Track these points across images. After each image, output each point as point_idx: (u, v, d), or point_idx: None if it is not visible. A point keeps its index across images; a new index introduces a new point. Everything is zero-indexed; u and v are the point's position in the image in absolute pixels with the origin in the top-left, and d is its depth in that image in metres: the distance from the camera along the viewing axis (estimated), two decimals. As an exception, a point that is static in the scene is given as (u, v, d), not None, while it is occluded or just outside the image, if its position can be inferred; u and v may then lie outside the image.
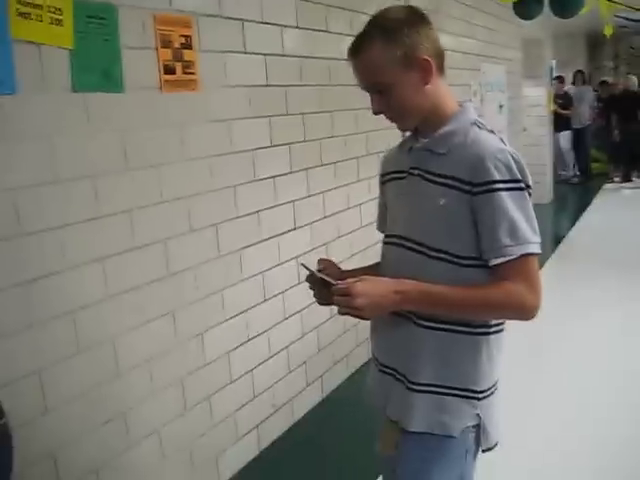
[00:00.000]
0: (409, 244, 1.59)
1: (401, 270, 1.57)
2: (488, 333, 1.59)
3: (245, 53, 3.09)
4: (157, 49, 2.59)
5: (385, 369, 1.69)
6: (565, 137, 11.00)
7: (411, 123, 1.64)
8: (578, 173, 11.33)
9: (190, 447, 2.87)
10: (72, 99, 2.24)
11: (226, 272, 2.98)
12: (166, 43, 2.64)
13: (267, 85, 3.24)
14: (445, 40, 4.96)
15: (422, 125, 1.62)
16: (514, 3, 4.99)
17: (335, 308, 1.53)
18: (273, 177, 3.29)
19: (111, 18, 2.39)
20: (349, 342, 4.04)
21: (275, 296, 3.34)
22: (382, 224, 1.82)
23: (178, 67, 2.70)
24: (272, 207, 3.29)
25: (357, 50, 1.56)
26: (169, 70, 2.65)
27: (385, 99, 1.56)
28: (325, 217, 3.77)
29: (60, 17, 2.20)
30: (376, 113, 1.61)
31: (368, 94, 1.61)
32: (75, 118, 2.26)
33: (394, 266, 1.63)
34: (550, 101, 9.65)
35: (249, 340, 3.16)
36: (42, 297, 2.17)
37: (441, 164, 1.55)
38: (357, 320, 1.59)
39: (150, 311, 2.57)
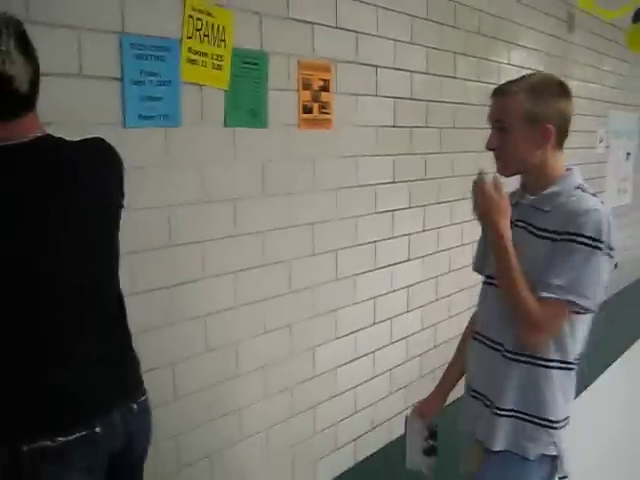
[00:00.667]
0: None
1: (503, 314, 1.80)
2: (561, 368, 1.78)
3: (376, 96, 3.38)
4: (298, 91, 2.92)
5: (476, 395, 1.92)
6: None
7: (510, 170, 1.86)
8: None
9: (293, 449, 3.15)
10: (223, 133, 2.61)
11: (341, 294, 3.27)
12: (306, 86, 2.97)
13: (394, 126, 3.52)
14: (573, 86, 5.09)
15: (530, 183, 1.85)
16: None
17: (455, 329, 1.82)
18: (392, 211, 3.55)
19: (263, 63, 2.75)
20: (450, 372, 4.21)
21: (384, 321, 3.59)
22: (478, 264, 2.06)
23: (315, 107, 3.03)
24: (388, 238, 3.55)
25: (503, 92, 1.82)
26: (307, 110, 2.98)
27: (502, 138, 1.80)
28: (438, 252, 3.99)
29: (221, 63, 2.58)
30: (488, 147, 1.85)
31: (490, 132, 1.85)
32: (224, 149, 2.62)
33: (496, 310, 1.85)
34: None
35: (356, 359, 3.43)
36: (182, 300, 2.52)
37: (545, 220, 1.76)
38: None
39: (271, 323, 2.89)
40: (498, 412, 1.82)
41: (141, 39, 2.28)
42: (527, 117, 1.76)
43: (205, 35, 2.50)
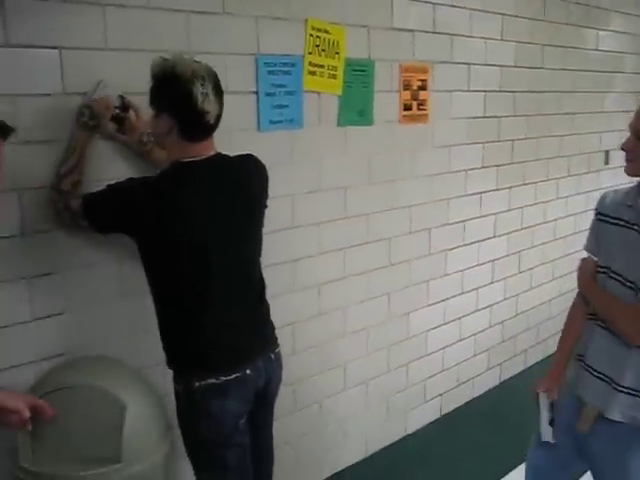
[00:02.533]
0: (624, 281, 2.06)
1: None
2: None
3: (468, 91, 3.77)
4: (400, 91, 3.36)
5: (595, 372, 2.16)
6: None
7: (636, 172, 2.04)
8: None
9: (388, 400, 3.67)
10: (336, 131, 3.09)
11: (433, 267, 3.73)
12: (407, 86, 3.41)
13: (484, 116, 3.90)
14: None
15: None
16: None
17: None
18: (480, 193, 3.96)
19: (370, 70, 3.20)
20: (529, 339, 4.62)
21: (470, 291, 4.03)
22: (591, 246, 2.29)
23: (414, 105, 3.46)
24: (477, 217, 3.96)
25: None
26: (407, 107, 3.42)
27: (637, 145, 2.00)
28: (522, 229, 4.37)
29: (335, 73, 3.04)
30: (624, 148, 2.04)
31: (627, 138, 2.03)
32: (337, 145, 3.10)
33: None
34: None
35: (445, 324, 3.90)
36: (301, 272, 3.05)
37: None
38: (538, 319, 2.29)
39: (373, 291, 3.40)
40: (617, 388, 2.08)
41: (272, 58, 2.77)
42: None
43: (322, 50, 2.97)
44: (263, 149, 2.62)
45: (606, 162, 5.14)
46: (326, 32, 2.97)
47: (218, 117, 2.05)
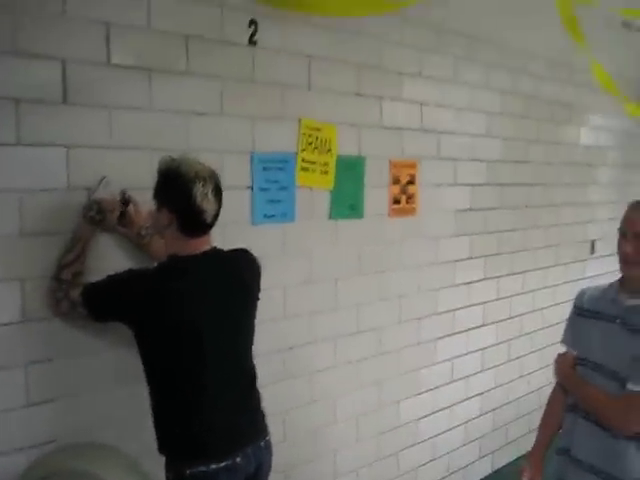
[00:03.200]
0: (606, 371, 2.16)
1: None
2: None
3: (455, 185, 3.94)
4: (389, 186, 3.51)
5: (585, 466, 2.22)
6: None
7: (636, 274, 2.17)
8: None
9: (379, 490, 3.66)
10: (328, 224, 3.22)
11: (423, 356, 3.79)
12: (396, 180, 3.56)
13: (470, 209, 4.05)
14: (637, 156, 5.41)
15: (632, 287, 2.19)
16: None
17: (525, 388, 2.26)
18: (468, 283, 4.07)
19: (360, 166, 3.37)
20: (521, 428, 4.63)
21: (460, 379, 4.08)
22: (567, 339, 2.41)
23: (403, 198, 3.61)
24: (465, 307, 4.06)
25: None
26: (396, 201, 3.57)
27: (637, 249, 2.14)
28: (511, 317, 4.46)
29: (327, 168, 3.20)
30: (625, 252, 2.16)
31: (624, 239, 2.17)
32: (328, 238, 3.23)
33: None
34: None
35: (435, 412, 3.93)
36: (293, 361, 3.12)
37: None
38: (528, 407, 2.35)
39: (363, 379, 3.45)
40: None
41: (267, 155, 2.93)
42: None
43: (315, 147, 3.14)
44: (256, 242, 2.76)
45: (592, 251, 5.27)
46: (318, 130, 3.15)
47: (216, 216, 2.18)
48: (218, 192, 2.18)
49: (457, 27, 3.80)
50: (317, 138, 3.15)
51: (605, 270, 5.40)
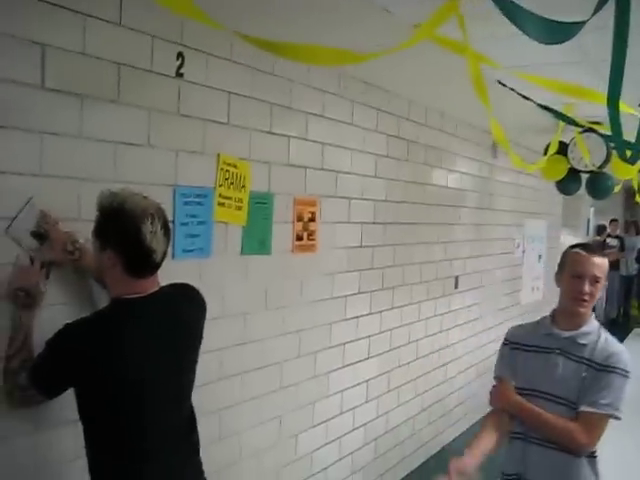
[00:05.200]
0: (553, 398, 2.42)
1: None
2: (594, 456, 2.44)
3: (348, 223, 4.09)
4: (293, 223, 3.58)
5: None
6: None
7: (585, 311, 2.46)
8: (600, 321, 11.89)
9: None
10: (239, 260, 3.22)
11: (319, 389, 3.87)
12: (300, 218, 3.64)
13: (360, 246, 4.22)
14: (497, 201, 5.96)
15: (566, 320, 2.48)
16: (557, 181, 5.96)
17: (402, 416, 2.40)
18: (357, 317, 4.22)
19: (270, 202, 3.41)
20: (397, 454, 4.83)
21: (348, 411, 4.20)
22: (504, 372, 2.63)
23: (305, 235, 3.69)
24: (354, 340, 4.20)
25: (598, 253, 2.50)
26: (299, 237, 3.64)
27: (594, 290, 2.43)
28: (390, 349, 4.66)
29: (241, 204, 3.22)
30: (585, 294, 2.42)
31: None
32: (239, 273, 3.23)
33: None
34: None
35: (327, 444, 4.01)
36: (203, 398, 3.05)
37: (582, 350, 2.41)
38: (406, 435, 2.46)
39: (265, 414, 3.46)
40: None
41: (188, 189, 2.90)
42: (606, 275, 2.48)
43: (231, 183, 3.14)
44: (175, 276, 2.67)
45: (456, 286, 5.65)
46: (235, 167, 3.16)
47: (164, 254, 2.11)
48: (167, 229, 2.11)
49: (354, 73, 3.96)
50: (233, 174, 3.15)
51: (465, 304, 5.84)
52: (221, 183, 3.09)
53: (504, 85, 4.25)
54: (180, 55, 2.83)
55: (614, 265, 11.58)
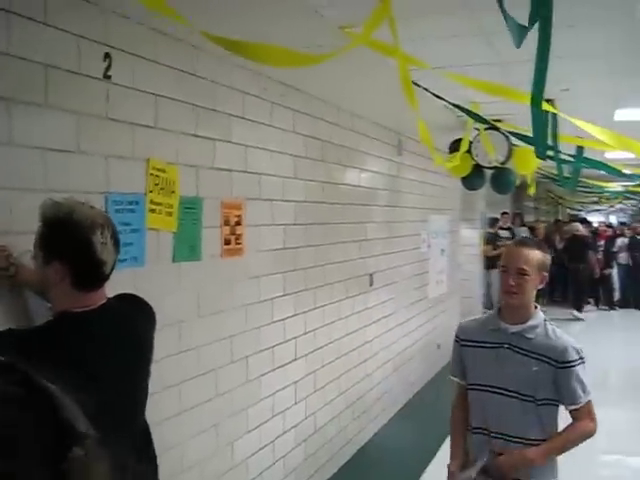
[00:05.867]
0: (504, 392, 2.50)
1: (502, 409, 2.50)
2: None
3: (272, 225, 4.07)
4: (221, 227, 3.52)
5: None
6: (495, 274, 12.03)
7: (516, 303, 2.53)
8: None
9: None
10: (171, 268, 3.14)
11: (251, 393, 3.82)
12: (227, 222, 3.59)
13: (284, 248, 4.21)
14: (404, 198, 6.11)
15: (511, 314, 2.55)
16: (462, 178, 6.19)
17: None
18: (284, 319, 4.20)
19: (198, 207, 3.34)
20: (327, 453, 4.85)
21: (279, 414, 4.17)
22: (456, 371, 2.73)
23: (232, 239, 3.64)
24: (282, 343, 4.18)
25: (528, 245, 2.56)
26: (227, 242, 3.59)
27: (520, 282, 2.49)
28: (315, 350, 4.68)
29: (171, 210, 3.13)
30: (510, 286, 2.49)
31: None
32: (172, 281, 3.14)
33: (496, 407, 2.53)
34: (482, 242, 10.97)
35: (261, 449, 3.96)
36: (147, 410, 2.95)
37: (531, 345, 2.50)
38: (332, 434, 2.49)
39: (203, 424, 3.38)
40: None
41: (120, 196, 2.79)
42: (540, 268, 2.53)
43: (161, 188, 3.05)
44: (109, 288, 2.59)
45: (371, 284, 5.74)
46: (163, 171, 3.07)
47: (113, 266, 2.03)
48: (116, 240, 2.03)
49: (273, 74, 3.95)
50: (163, 179, 3.06)
51: (380, 301, 5.94)
52: (151, 189, 2.99)
53: (418, 85, 4.36)
54: (107, 56, 2.72)
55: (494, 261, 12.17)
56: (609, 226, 15.01)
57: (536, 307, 2.62)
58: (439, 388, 7.57)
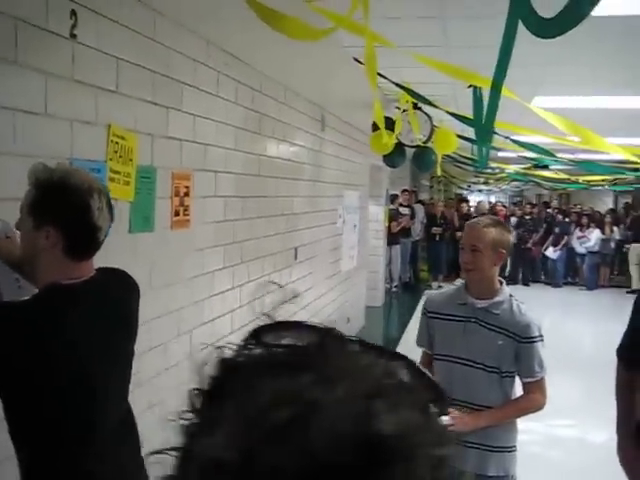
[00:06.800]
0: (471, 363, 2.61)
1: (468, 379, 2.59)
2: None
3: (215, 197, 4.00)
4: (171, 198, 3.43)
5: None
6: (396, 250, 12.43)
7: (475, 278, 2.66)
8: (396, 284, 12.77)
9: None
10: (128, 239, 3.03)
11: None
12: (177, 193, 3.49)
13: (224, 221, 4.15)
14: (324, 173, 6.13)
15: (477, 289, 2.66)
16: (384, 155, 6.29)
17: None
18: (223, 292, 4.16)
19: (152, 177, 3.23)
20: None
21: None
22: (422, 341, 2.83)
23: (181, 210, 3.55)
24: (221, 316, 4.14)
25: (484, 224, 2.64)
26: (177, 213, 3.50)
27: (473, 258, 2.61)
28: (249, 322, 4.65)
29: (128, 179, 3.01)
30: (465, 262, 2.63)
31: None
32: (129, 253, 3.04)
33: (462, 377, 2.61)
34: (387, 218, 11.23)
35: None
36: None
37: (496, 320, 2.61)
38: None
39: (150, 400, 3.31)
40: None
41: (83, 163, 2.65)
42: (492, 245, 2.62)
43: (120, 156, 2.93)
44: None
45: (295, 257, 5.77)
46: (123, 139, 2.95)
47: (106, 234, 1.95)
48: (111, 207, 1.95)
49: (217, 41, 3.85)
50: (122, 147, 2.94)
51: (302, 274, 5.98)
52: (111, 157, 2.87)
53: (360, 62, 4.39)
54: (73, 13, 2.57)
55: (407, 232, 12.54)
56: (504, 206, 15.71)
57: (501, 283, 2.74)
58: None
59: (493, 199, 28.32)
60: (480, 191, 27.84)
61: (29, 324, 1.75)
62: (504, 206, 15.11)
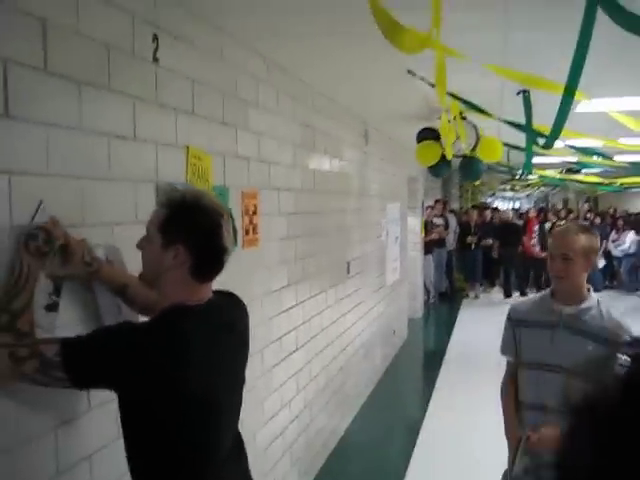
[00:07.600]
0: (559, 370, 2.55)
1: (558, 386, 2.54)
2: None
3: (279, 214, 4.00)
4: (242, 216, 3.43)
5: None
6: (428, 260, 12.26)
7: (566, 285, 2.62)
8: (434, 295, 12.51)
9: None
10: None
11: (265, 385, 3.76)
12: (246, 211, 3.49)
13: (287, 237, 4.15)
14: (368, 187, 6.10)
15: (567, 297, 2.62)
16: (429, 166, 6.25)
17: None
18: (288, 309, 4.15)
19: (226, 196, 3.23)
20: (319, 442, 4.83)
21: (286, 405, 4.13)
22: (507, 350, 2.80)
23: (250, 229, 3.55)
24: (287, 333, 4.13)
25: (573, 231, 2.60)
26: (247, 232, 3.50)
27: (565, 267, 2.57)
28: (312, 338, 4.65)
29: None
30: (556, 271, 2.59)
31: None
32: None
33: (551, 384, 2.57)
34: (423, 229, 11.17)
35: (274, 441, 3.91)
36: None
37: (585, 325, 2.56)
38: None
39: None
40: None
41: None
42: (585, 253, 2.57)
43: (198, 177, 2.94)
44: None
45: (348, 272, 5.75)
46: (199, 159, 2.96)
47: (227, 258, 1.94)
48: (235, 231, 1.94)
49: (278, 59, 3.87)
50: (199, 168, 2.96)
51: (354, 289, 5.97)
52: (191, 178, 2.88)
53: (414, 74, 4.37)
54: (155, 37, 2.59)
55: (441, 242, 12.46)
56: (540, 211, 15.55)
57: (589, 290, 2.69)
58: (400, 372, 7.73)
59: (517, 205, 28.11)
60: (504, 198, 27.62)
61: (156, 348, 1.74)
62: (538, 212, 14.90)
